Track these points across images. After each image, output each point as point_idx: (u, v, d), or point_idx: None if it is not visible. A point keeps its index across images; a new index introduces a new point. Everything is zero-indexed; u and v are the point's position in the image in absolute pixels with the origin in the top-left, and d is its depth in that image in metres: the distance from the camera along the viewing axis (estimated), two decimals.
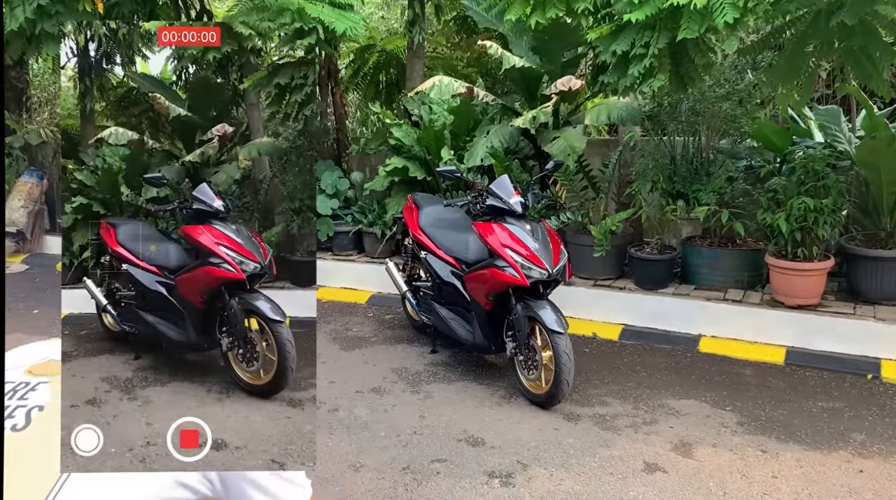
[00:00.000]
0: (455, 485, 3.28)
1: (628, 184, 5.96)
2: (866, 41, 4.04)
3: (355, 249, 6.83)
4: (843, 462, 3.44)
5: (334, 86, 7.82)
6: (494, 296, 4.21)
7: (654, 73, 4.01)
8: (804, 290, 4.90)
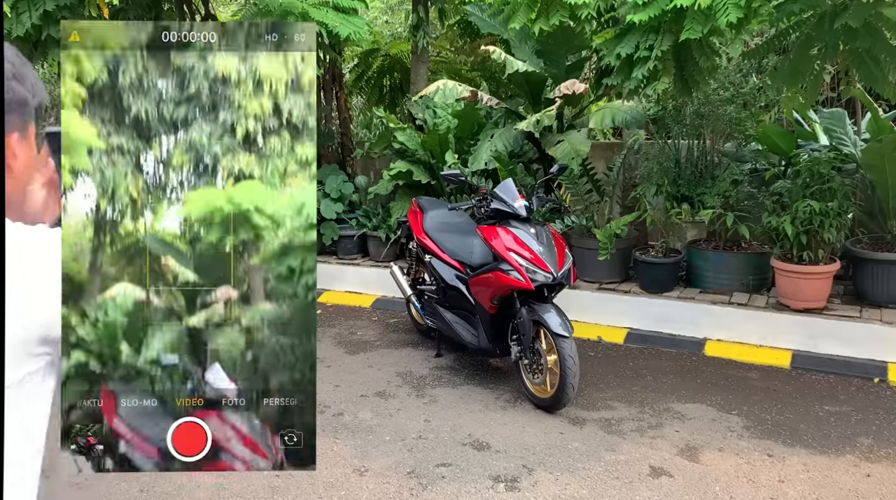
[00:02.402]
0: (460, 489, 3.27)
1: (633, 187, 5.96)
2: (871, 44, 4.03)
3: (360, 252, 6.83)
4: (851, 466, 3.43)
5: (338, 90, 7.84)
6: (499, 300, 4.21)
7: (659, 76, 4.01)
8: (810, 293, 4.88)
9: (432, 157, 6.33)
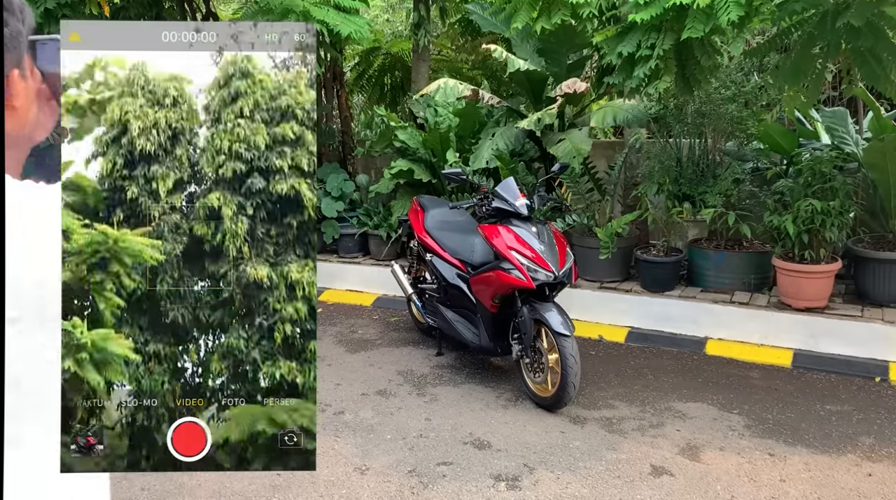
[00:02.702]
0: (461, 488, 3.27)
1: (634, 186, 5.95)
2: (874, 42, 4.02)
3: (361, 251, 6.83)
4: (852, 466, 3.42)
5: (339, 88, 7.83)
6: (500, 298, 4.21)
7: (660, 75, 4.00)
8: (811, 292, 4.87)
9: (433, 155, 6.32)
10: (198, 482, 3.29)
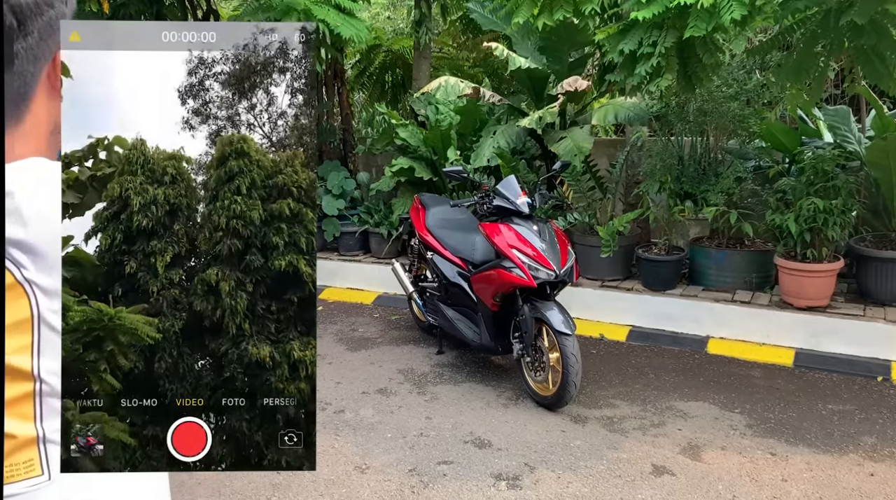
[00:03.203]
0: (462, 487, 3.26)
1: (636, 184, 5.94)
2: (877, 40, 4.01)
3: (361, 249, 6.82)
4: (854, 466, 3.41)
5: (340, 86, 7.82)
6: (501, 297, 4.19)
7: (662, 73, 3.99)
8: (813, 291, 4.86)
9: (434, 153, 6.31)
10: (197, 481, 3.28)
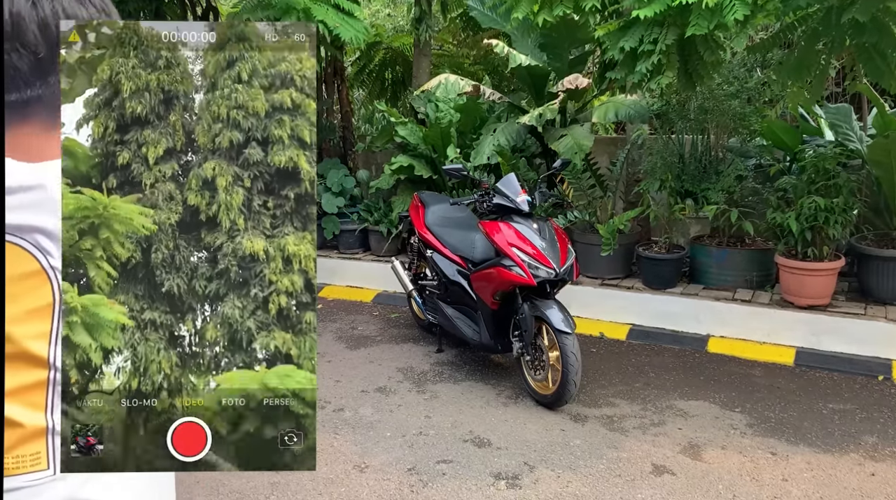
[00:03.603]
0: (461, 486, 3.25)
1: (636, 182, 5.92)
2: (878, 38, 3.99)
3: (361, 247, 6.81)
4: (855, 465, 3.40)
5: (340, 83, 7.80)
6: (501, 295, 4.18)
7: (663, 71, 3.97)
8: (814, 290, 4.84)
9: (434, 151, 6.30)
10: (196, 480, 3.27)
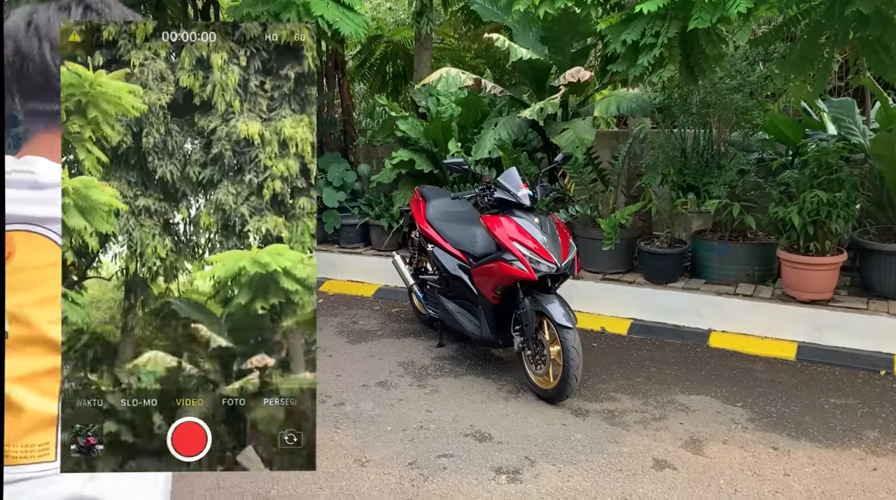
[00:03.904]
0: (462, 480, 3.25)
1: (638, 177, 5.90)
2: (882, 31, 3.96)
3: (362, 241, 6.80)
4: (857, 460, 3.39)
5: (341, 77, 7.78)
6: (502, 290, 4.17)
7: (664, 64, 3.95)
8: (816, 284, 4.83)
9: (435, 145, 6.28)
10: (197, 474, 3.27)
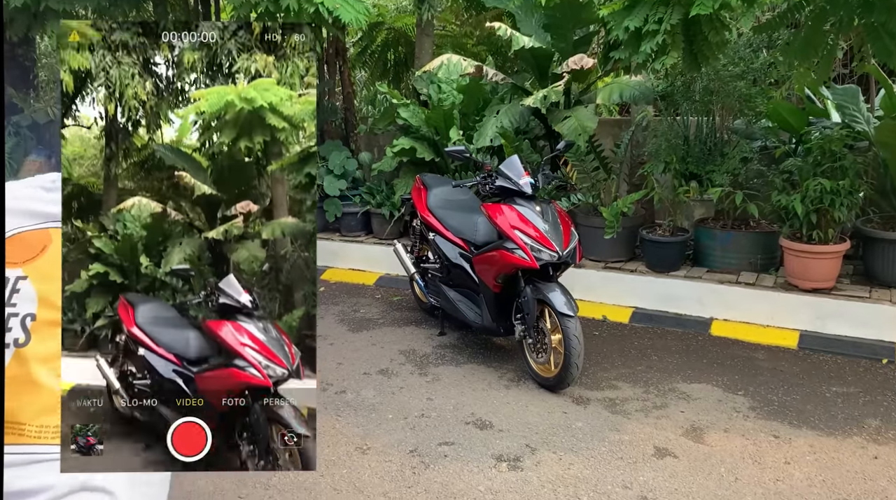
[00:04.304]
0: (463, 468, 3.25)
1: (640, 165, 5.88)
2: (887, 17, 3.93)
3: (363, 230, 6.79)
4: (858, 448, 3.39)
5: (342, 64, 7.74)
6: (503, 278, 4.16)
7: (667, 51, 3.92)
8: (819, 273, 4.82)
9: (436, 133, 6.25)
10: None
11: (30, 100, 8.28)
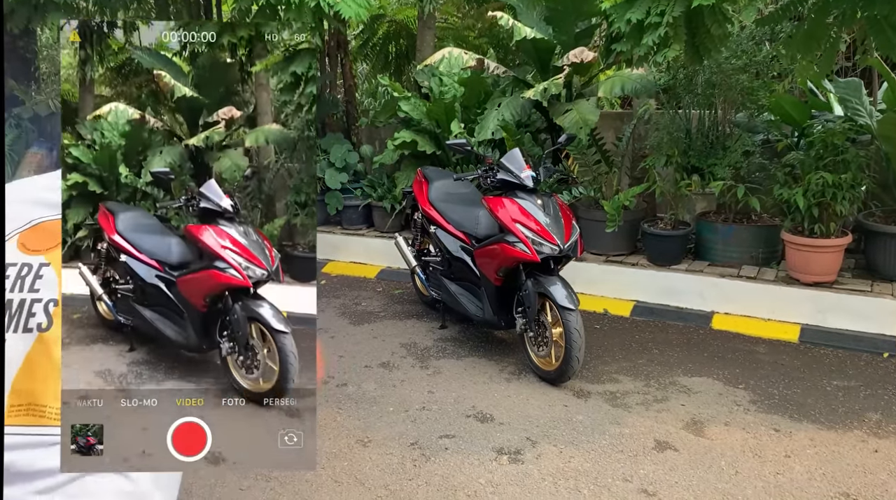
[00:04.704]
0: (463, 461, 3.26)
1: (642, 158, 5.87)
2: (890, 10, 3.90)
3: (365, 223, 6.78)
4: (858, 442, 3.39)
5: (343, 56, 7.72)
6: (504, 271, 4.16)
7: (669, 43, 3.90)
8: (820, 267, 4.81)
9: (438, 126, 6.24)
10: None
11: (31, 92, 8.27)
